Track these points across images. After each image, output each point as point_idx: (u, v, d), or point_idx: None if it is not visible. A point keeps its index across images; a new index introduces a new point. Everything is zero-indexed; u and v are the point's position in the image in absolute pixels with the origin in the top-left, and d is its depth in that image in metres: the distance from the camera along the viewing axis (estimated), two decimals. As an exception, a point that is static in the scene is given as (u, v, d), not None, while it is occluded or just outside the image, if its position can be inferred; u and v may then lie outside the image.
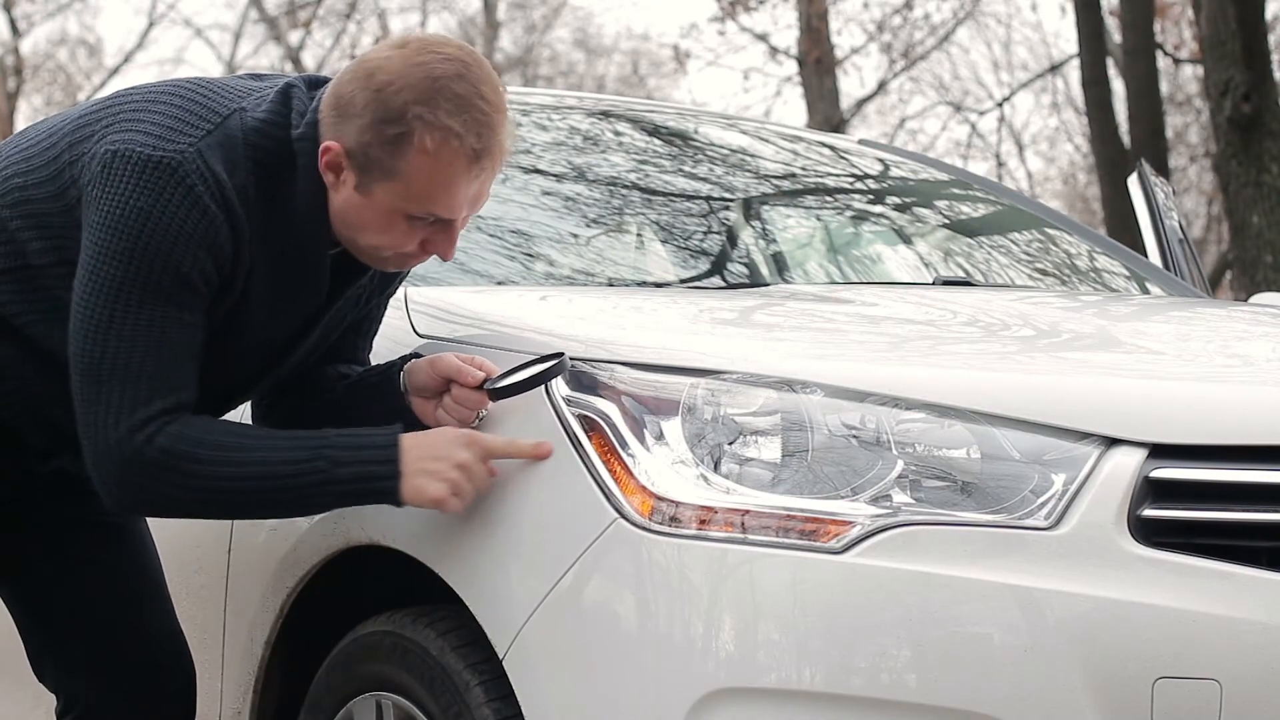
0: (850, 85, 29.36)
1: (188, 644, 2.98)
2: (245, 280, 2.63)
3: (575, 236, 3.65)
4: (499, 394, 2.64)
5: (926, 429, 2.48)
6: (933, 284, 3.69)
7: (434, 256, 2.69)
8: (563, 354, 2.62)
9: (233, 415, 2.88)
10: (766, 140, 4.32)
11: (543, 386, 2.62)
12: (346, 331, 2.85)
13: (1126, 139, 13.95)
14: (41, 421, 2.75)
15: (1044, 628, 2.36)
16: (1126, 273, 4.15)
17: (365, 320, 2.89)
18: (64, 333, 2.63)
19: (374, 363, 2.90)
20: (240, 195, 2.58)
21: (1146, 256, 4.26)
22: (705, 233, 3.83)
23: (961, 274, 3.91)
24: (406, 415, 2.76)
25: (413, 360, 2.78)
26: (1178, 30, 18.99)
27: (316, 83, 2.68)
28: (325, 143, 2.59)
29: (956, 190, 4.46)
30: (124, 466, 2.58)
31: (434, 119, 2.54)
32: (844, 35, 20.65)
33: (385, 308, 2.92)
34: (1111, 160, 13.69)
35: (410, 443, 2.61)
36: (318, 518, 2.86)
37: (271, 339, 2.73)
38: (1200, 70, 15.53)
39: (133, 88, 2.70)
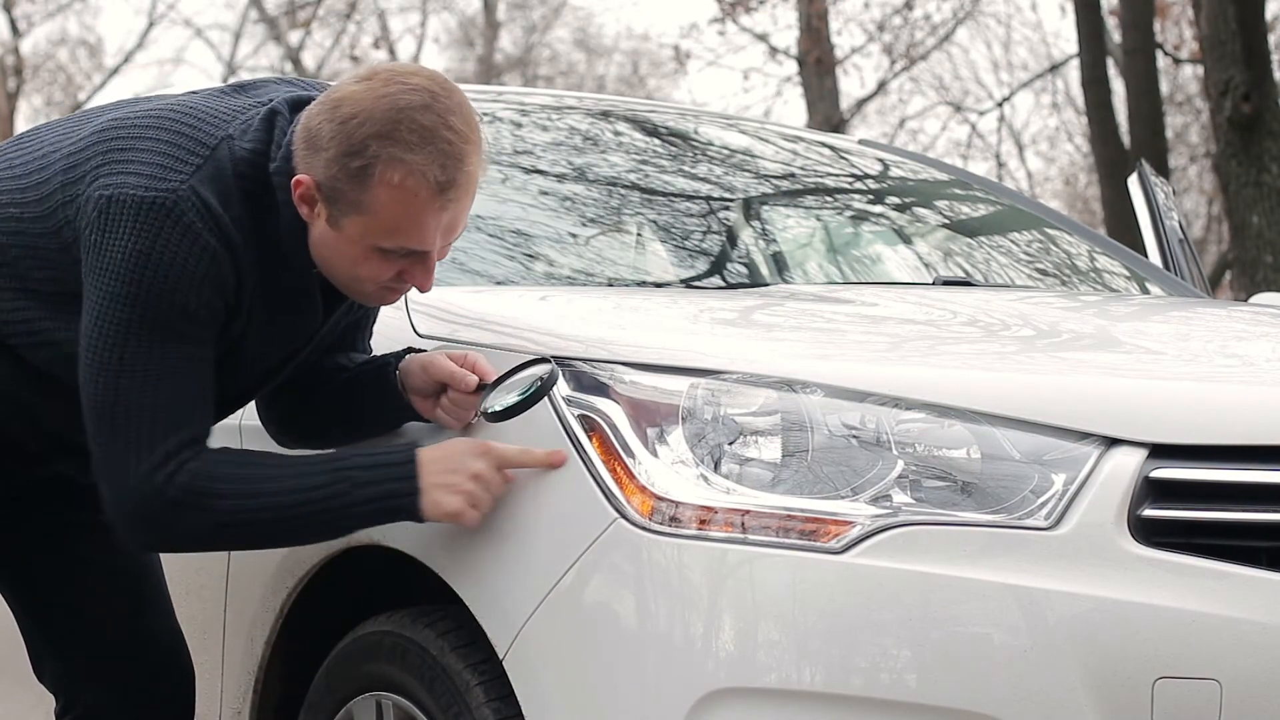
0: (850, 85, 29.36)
1: (187, 644, 2.98)
2: (250, 305, 2.63)
3: (575, 236, 3.64)
4: (496, 418, 2.62)
5: (926, 429, 2.48)
6: (933, 284, 3.69)
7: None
8: (549, 360, 2.61)
9: (232, 417, 2.89)
10: (766, 140, 4.32)
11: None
12: (347, 327, 2.86)
13: (1126, 139, 13.94)
14: (39, 431, 2.76)
15: (1044, 628, 2.36)
16: (1126, 273, 4.15)
17: (364, 317, 2.90)
18: (50, 354, 2.64)
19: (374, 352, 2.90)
20: (237, 225, 2.57)
21: (1146, 256, 4.26)
22: (705, 233, 3.82)
23: (961, 274, 3.91)
24: (403, 413, 2.77)
25: (407, 359, 2.78)
26: (1178, 30, 18.98)
27: (300, 104, 2.64)
28: (296, 176, 2.57)
29: (956, 190, 4.46)
30: (145, 506, 2.56)
31: (395, 152, 2.51)
32: (844, 35, 20.64)
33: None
34: (1111, 160, 13.68)
35: (427, 457, 2.61)
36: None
37: (272, 357, 2.73)
38: (1200, 70, 15.54)
39: (119, 117, 2.66)
